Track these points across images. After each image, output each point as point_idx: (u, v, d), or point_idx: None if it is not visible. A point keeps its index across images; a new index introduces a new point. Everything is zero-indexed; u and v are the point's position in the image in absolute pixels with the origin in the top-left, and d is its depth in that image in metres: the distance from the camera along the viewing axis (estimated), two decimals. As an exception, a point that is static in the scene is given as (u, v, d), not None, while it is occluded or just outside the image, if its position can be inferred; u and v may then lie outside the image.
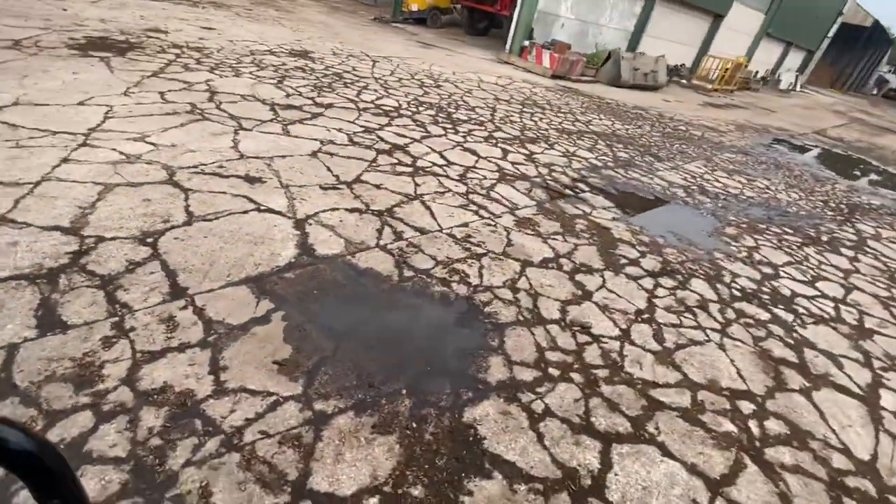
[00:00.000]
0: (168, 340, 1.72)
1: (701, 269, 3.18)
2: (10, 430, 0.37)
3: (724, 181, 5.44)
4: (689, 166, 5.73)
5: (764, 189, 5.46)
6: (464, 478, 1.47)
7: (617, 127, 6.91)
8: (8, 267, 1.88)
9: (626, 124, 7.26)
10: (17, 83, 3.58)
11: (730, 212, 4.47)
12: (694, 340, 2.40)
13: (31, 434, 0.39)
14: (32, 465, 0.38)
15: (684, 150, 6.51)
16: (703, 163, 6.05)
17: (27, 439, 0.38)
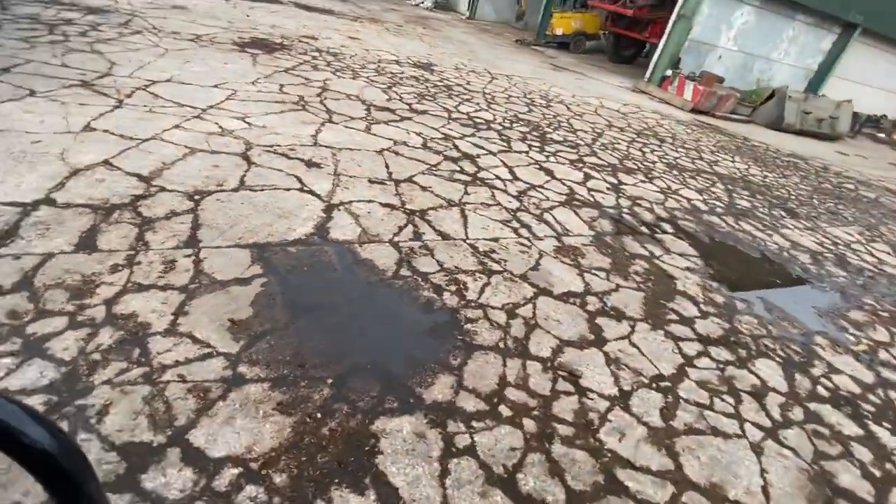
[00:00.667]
0: (158, 279, 1.95)
1: (783, 350, 2.49)
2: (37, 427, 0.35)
3: (881, 256, 4.22)
4: (834, 230, 4.58)
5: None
6: (334, 484, 1.36)
7: (752, 172, 5.87)
8: (85, 196, 2.34)
9: (767, 171, 6.13)
10: (178, 66, 4.48)
11: (869, 293, 3.44)
12: (718, 430, 1.88)
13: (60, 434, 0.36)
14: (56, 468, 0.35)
15: (838, 211, 5.24)
16: (860, 230, 4.78)
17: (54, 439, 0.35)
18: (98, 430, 1.35)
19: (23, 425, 0.34)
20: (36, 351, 1.53)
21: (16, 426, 0.34)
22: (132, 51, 4.60)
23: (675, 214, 3.95)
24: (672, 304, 2.65)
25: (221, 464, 1.34)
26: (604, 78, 10.36)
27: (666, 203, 4.14)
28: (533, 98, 6.82)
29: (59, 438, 0.36)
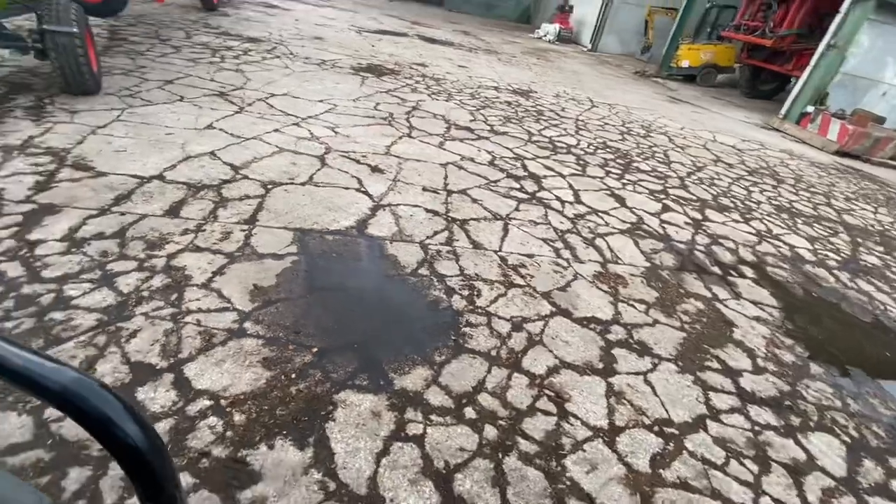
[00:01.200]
0: (213, 244, 2.33)
1: (857, 430, 2.01)
2: (133, 425, 0.38)
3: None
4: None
5: None
6: (281, 435, 1.48)
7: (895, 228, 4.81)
8: (186, 176, 2.89)
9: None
10: (297, 84, 5.25)
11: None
12: (720, 494, 1.59)
13: (152, 433, 0.39)
14: (143, 464, 0.38)
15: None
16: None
17: (146, 438, 0.38)
18: (123, 347, 1.68)
19: (121, 421, 0.37)
20: (107, 282, 1.96)
21: (116, 421, 0.37)
22: (266, 70, 5.54)
23: (765, 260, 3.42)
24: (719, 350, 2.31)
25: (199, 394, 1.57)
26: (727, 112, 9.40)
27: (758, 247, 3.61)
28: (631, 127, 6.49)
29: (150, 438, 0.39)
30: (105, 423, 0.37)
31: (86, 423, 0.37)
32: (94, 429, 0.37)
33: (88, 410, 0.36)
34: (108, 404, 0.37)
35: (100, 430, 0.37)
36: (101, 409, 0.37)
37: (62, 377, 0.36)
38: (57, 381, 0.36)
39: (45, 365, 0.37)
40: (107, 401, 0.37)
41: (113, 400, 0.38)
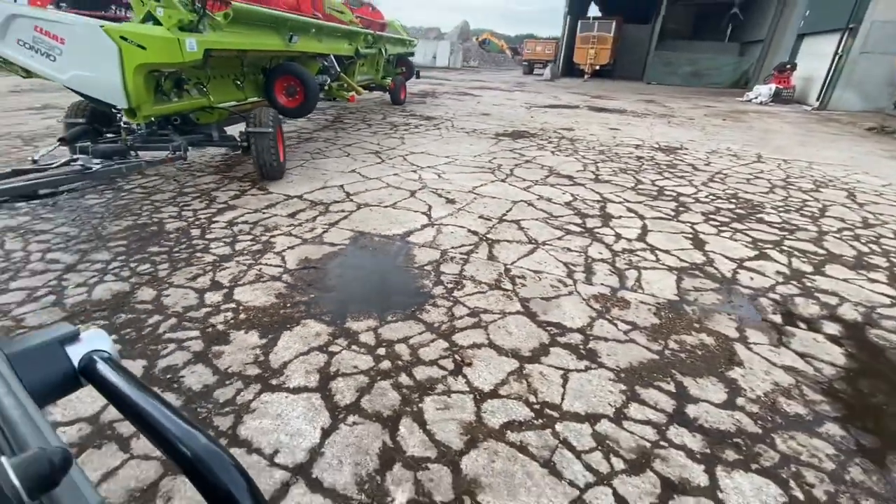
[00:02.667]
0: (300, 234, 3.42)
1: (815, 484, 1.54)
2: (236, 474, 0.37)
3: None
4: None
5: None
6: (255, 329, 2.26)
7: None
8: (315, 198, 4.21)
9: None
10: (437, 146, 6.54)
11: None
12: (554, 467, 1.58)
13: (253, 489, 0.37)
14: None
15: None
16: None
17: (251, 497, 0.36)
18: (216, 273, 2.79)
19: (242, 499, 0.36)
20: (230, 245, 3.20)
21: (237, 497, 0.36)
22: (421, 137, 7.07)
23: (877, 322, 2.62)
24: (689, 379, 2.07)
25: (232, 300, 2.51)
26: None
27: (879, 310, 2.76)
28: (795, 182, 5.51)
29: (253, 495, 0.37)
30: (226, 497, 0.36)
31: (208, 493, 0.36)
32: (215, 500, 0.36)
33: (213, 482, 0.36)
34: (232, 479, 0.36)
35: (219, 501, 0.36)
36: (224, 483, 0.36)
37: (195, 443, 0.37)
38: (189, 445, 0.37)
39: (180, 426, 0.38)
40: (231, 475, 0.37)
41: (238, 476, 0.37)
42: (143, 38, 3.12)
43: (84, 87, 3.35)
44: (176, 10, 3.29)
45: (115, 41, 3.06)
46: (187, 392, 1.87)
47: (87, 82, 3.27)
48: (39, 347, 0.50)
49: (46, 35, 3.10)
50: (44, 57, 3.18)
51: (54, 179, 3.21)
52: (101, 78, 3.18)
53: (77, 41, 3.11)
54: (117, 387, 0.45)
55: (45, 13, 3.22)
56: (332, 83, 6.31)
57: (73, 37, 3.11)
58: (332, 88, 6.45)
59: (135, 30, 3.16)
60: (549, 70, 25.42)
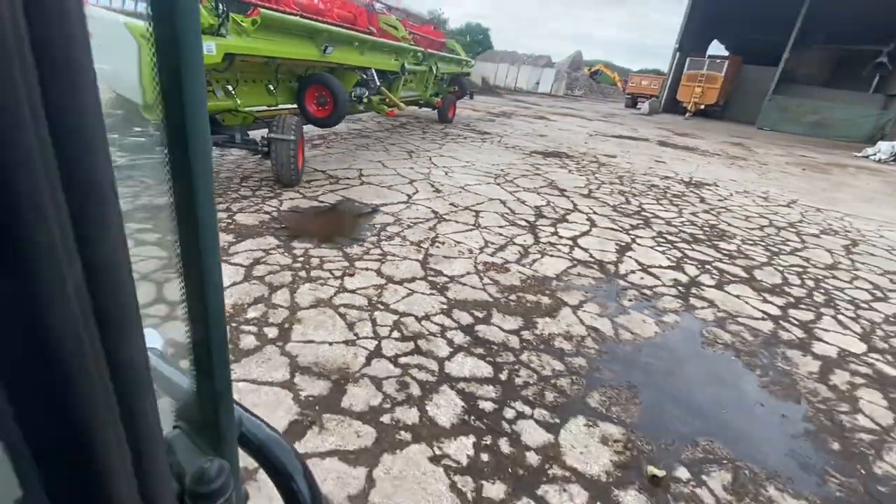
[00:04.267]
0: (305, 193, 4.57)
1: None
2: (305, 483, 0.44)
3: None
4: None
5: None
6: (266, 234, 3.39)
7: None
8: (339, 174, 5.39)
9: None
10: (468, 154, 7.44)
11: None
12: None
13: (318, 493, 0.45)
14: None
15: None
16: None
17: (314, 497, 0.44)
18: (231, 207, 4.03)
19: (299, 479, 0.43)
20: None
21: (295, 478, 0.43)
22: (460, 146, 8.05)
23: (723, 325, 2.93)
24: (503, 315, 2.71)
25: (232, 220, 3.69)
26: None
27: (739, 319, 3.03)
28: (799, 226, 5.42)
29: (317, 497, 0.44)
30: (288, 478, 0.43)
31: (274, 475, 0.43)
32: (279, 481, 0.43)
33: (278, 466, 0.43)
34: (292, 463, 0.43)
35: (283, 483, 0.43)
36: (287, 467, 0.43)
37: (261, 433, 0.44)
38: (256, 435, 0.43)
39: (251, 420, 0.44)
40: (292, 460, 0.44)
41: (297, 461, 0.44)
42: None
43: (105, 80, 3.38)
44: None
45: (136, 38, 3.04)
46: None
47: (108, 76, 3.32)
48: None
49: None
50: None
51: None
52: (122, 73, 3.17)
53: (100, 35, 3.13)
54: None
55: None
56: (370, 96, 6.30)
57: (97, 30, 3.13)
58: (371, 101, 6.42)
59: None
60: (647, 105, 24.87)
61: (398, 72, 6.85)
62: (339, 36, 5.18)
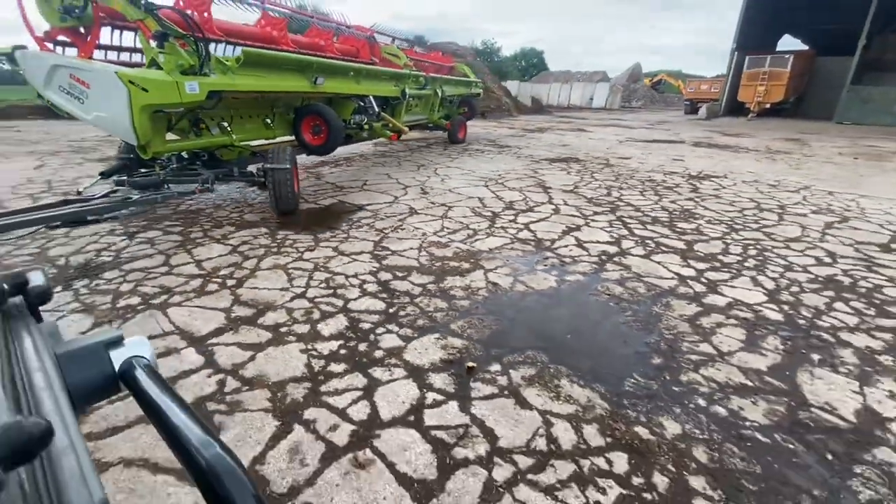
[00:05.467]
0: (308, 198, 5.50)
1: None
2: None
3: None
4: None
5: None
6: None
7: None
8: (337, 181, 6.32)
9: None
10: (478, 163, 8.07)
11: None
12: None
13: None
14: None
15: None
16: None
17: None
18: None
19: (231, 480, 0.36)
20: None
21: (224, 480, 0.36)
22: (472, 159, 8.71)
23: (603, 286, 3.23)
24: (420, 275, 3.29)
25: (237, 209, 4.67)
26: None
27: (645, 278, 3.30)
28: (792, 207, 5.31)
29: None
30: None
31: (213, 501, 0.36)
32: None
33: (220, 490, 0.36)
34: (238, 488, 0.36)
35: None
36: (230, 492, 0.36)
37: (207, 450, 0.38)
38: (202, 453, 0.37)
39: (197, 434, 0.39)
40: (239, 484, 0.37)
41: (245, 485, 0.37)
42: (145, 81, 3.33)
43: (103, 125, 3.60)
44: (175, 56, 3.55)
45: (125, 84, 3.26)
46: (190, 240, 4.01)
47: (105, 121, 3.52)
48: (86, 349, 0.52)
49: (77, 81, 3.42)
50: (76, 100, 3.44)
51: (100, 207, 3.58)
52: (116, 117, 3.39)
53: (98, 85, 3.38)
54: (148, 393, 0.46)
55: (78, 62, 3.54)
56: (371, 122, 6.45)
57: (95, 81, 3.39)
58: (372, 127, 6.57)
59: (140, 74, 3.37)
60: (704, 109, 23.80)
61: (399, 97, 7.15)
62: (329, 67, 5.38)
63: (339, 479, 1.57)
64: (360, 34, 7.46)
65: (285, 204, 4.55)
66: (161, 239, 3.95)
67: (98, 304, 2.77)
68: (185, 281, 3.12)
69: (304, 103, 5.56)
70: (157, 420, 0.43)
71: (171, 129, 4.15)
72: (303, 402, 1.95)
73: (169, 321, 2.59)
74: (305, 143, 5.49)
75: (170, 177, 4.15)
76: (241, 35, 5.11)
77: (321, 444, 1.72)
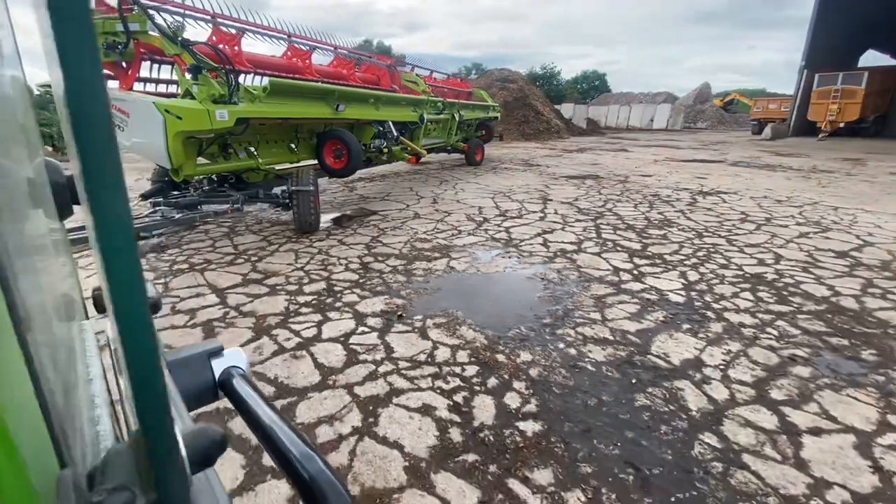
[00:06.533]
0: (328, 199, 6.58)
1: (377, 287, 3.50)
2: None
3: None
4: None
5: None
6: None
7: None
8: (362, 192, 7.36)
9: None
10: (496, 178, 8.82)
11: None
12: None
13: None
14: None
15: None
16: None
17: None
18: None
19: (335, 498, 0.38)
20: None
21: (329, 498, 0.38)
22: (496, 176, 9.47)
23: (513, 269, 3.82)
24: (388, 262, 4.12)
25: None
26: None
27: (564, 251, 3.86)
28: (819, 219, 5.49)
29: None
30: None
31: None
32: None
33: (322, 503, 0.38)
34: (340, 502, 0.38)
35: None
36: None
37: (312, 466, 0.40)
38: (307, 468, 0.40)
39: (301, 448, 0.41)
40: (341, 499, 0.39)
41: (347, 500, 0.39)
42: (179, 109, 3.66)
43: (140, 150, 3.85)
44: (207, 86, 3.89)
45: (161, 113, 3.58)
46: (236, 232, 5.18)
47: (143, 147, 3.80)
48: (192, 358, 0.56)
49: (118, 110, 3.70)
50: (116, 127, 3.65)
51: (149, 225, 4.15)
52: (153, 143, 3.69)
53: (137, 114, 3.67)
54: (248, 403, 0.49)
55: (118, 93, 3.90)
56: (390, 146, 6.75)
57: (135, 110, 3.68)
58: (392, 151, 6.92)
59: (175, 103, 3.73)
60: (769, 129, 22.70)
61: (417, 122, 7.43)
62: (350, 94, 5.61)
63: (279, 362, 2.42)
64: (381, 63, 8.20)
65: (307, 224, 4.88)
66: (214, 231, 5.14)
67: (160, 267, 3.91)
68: (221, 256, 4.21)
69: (327, 129, 5.82)
70: (257, 428, 0.45)
71: (201, 153, 4.46)
72: (273, 326, 2.84)
73: (203, 279, 3.63)
74: (327, 166, 5.75)
75: (203, 198, 4.60)
76: (268, 66, 5.74)
77: (275, 345, 2.59)
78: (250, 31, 5.44)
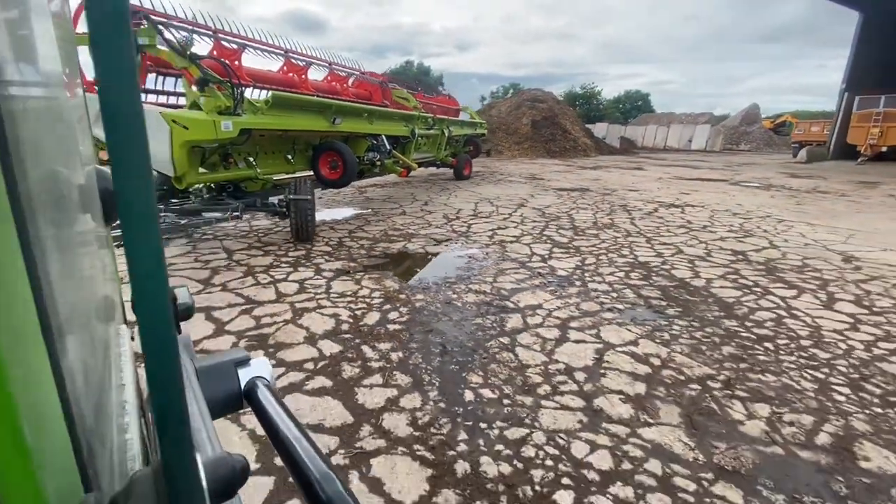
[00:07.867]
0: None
1: (343, 257, 4.73)
2: None
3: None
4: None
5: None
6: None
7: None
8: (370, 204, 8.67)
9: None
10: (490, 189, 9.90)
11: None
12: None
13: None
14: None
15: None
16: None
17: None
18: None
19: None
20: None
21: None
22: (493, 186, 10.54)
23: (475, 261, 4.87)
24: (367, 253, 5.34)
25: (293, 211, 7.22)
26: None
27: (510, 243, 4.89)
28: (769, 230, 6.21)
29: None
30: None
31: None
32: None
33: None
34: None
35: None
36: None
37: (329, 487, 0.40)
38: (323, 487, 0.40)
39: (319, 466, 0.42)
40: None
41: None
42: (186, 120, 3.83)
43: None
44: (214, 98, 4.05)
45: (168, 123, 3.73)
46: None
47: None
48: (219, 366, 0.58)
49: None
50: None
51: None
52: (158, 151, 3.79)
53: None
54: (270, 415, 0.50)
55: None
56: (383, 159, 6.95)
57: None
58: (384, 164, 7.15)
59: (181, 114, 3.89)
60: (804, 152, 22.26)
61: (409, 136, 7.74)
62: (346, 109, 5.79)
63: (253, 290, 3.67)
64: (374, 79, 8.56)
65: (305, 232, 5.04)
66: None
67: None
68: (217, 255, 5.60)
69: (323, 141, 5.95)
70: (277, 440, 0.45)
71: (203, 162, 4.58)
72: (258, 271, 4.11)
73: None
74: (323, 177, 5.82)
75: (203, 205, 4.90)
76: (266, 80, 6.11)
77: (254, 281, 3.84)
78: (250, 47, 5.86)
